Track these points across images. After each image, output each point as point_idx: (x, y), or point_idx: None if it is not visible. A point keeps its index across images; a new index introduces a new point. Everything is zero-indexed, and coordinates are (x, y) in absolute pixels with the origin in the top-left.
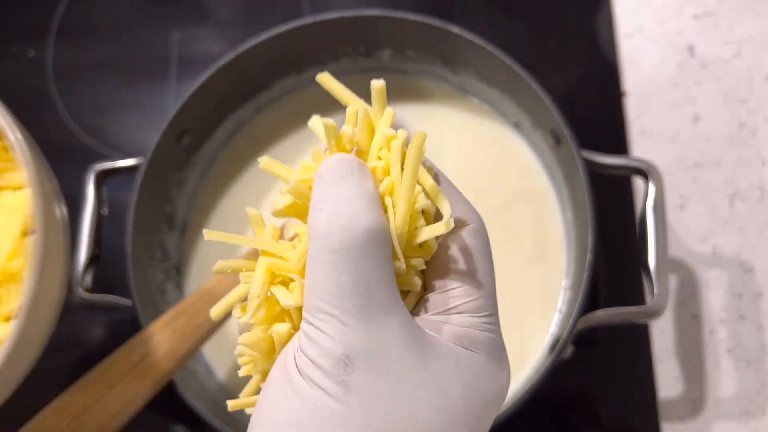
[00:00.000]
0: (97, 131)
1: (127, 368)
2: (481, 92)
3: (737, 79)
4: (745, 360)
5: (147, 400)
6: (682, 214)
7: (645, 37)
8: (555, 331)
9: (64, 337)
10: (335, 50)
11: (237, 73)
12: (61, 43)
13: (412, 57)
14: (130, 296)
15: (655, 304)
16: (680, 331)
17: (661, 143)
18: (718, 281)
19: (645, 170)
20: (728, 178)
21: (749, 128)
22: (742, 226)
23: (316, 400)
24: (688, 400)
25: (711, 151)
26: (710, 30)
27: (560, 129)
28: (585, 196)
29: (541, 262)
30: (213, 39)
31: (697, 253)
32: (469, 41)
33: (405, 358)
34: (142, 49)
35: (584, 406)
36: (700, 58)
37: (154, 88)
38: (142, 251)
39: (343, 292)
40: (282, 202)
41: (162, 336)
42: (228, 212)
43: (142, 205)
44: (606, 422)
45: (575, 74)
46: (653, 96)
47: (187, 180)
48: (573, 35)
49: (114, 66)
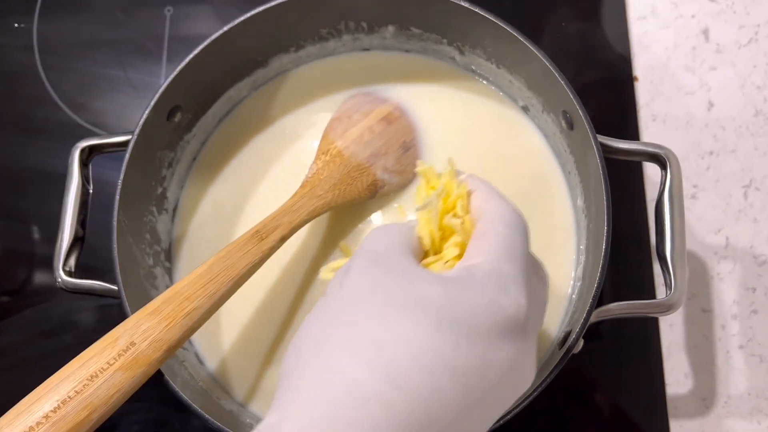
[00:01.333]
0: (84, 109)
1: (111, 358)
2: (489, 73)
3: (753, 64)
4: (757, 356)
5: (132, 392)
6: (694, 203)
7: (658, 20)
8: (565, 324)
9: (53, 321)
10: (336, 26)
11: (231, 48)
12: (47, 16)
13: (416, 35)
14: (115, 281)
15: (671, 297)
16: (690, 326)
17: (674, 130)
18: (731, 274)
19: (663, 156)
20: (743, 168)
21: (765, 116)
22: (757, 217)
23: (325, 296)
24: (697, 398)
25: (725, 139)
26: (726, 13)
27: (575, 111)
28: (601, 183)
29: (549, 251)
30: (206, 16)
31: (709, 244)
32: (479, 15)
33: (396, 267)
34: (132, 25)
35: (588, 402)
36: (715, 42)
37: (144, 66)
38: (129, 234)
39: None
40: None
41: (149, 324)
42: (222, 195)
43: (129, 185)
44: (610, 419)
45: (585, 58)
46: (666, 81)
47: (179, 160)
48: (583, 17)
49: (102, 42)
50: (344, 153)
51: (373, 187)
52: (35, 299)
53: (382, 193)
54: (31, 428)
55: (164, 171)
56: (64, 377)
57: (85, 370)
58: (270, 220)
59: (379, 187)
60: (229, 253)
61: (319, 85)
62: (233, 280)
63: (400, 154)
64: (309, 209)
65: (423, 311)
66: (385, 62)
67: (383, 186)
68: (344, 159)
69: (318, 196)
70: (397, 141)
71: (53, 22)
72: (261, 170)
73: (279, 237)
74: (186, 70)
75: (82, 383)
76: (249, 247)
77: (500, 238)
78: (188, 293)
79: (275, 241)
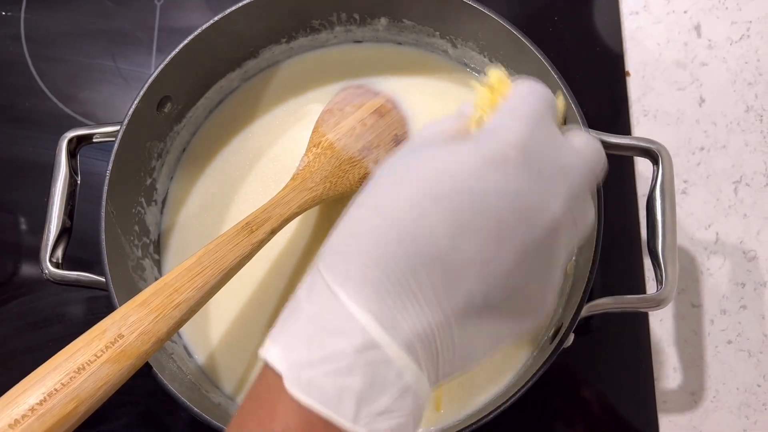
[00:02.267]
0: (72, 99)
1: (99, 350)
2: (481, 66)
3: (745, 61)
4: (746, 351)
5: (120, 384)
6: (684, 199)
7: (650, 15)
8: (556, 319)
9: (40, 313)
10: (328, 17)
11: (221, 38)
12: (35, 5)
13: (409, 27)
14: (103, 273)
15: (662, 292)
16: (680, 321)
17: (665, 125)
18: (721, 270)
19: (655, 151)
20: (734, 164)
21: (756, 112)
22: (747, 213)
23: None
24: (686, 392)
25: (716, 135)
26: (718, 9)
27: (567, 105)
28: None
29: None
30: (197, 6)
31: (699, 240)
32: (472, 8)
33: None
34: (121, 14)
35: (578, 396)
36: (707, 38)
37: (133, 56)
38: (117, 225)
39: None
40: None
41: (138, 316)
42: (212, 186)
43: (118, 176)
44: (600, 413)
45: (577, 52)
46: (658, 76)
47: (169, 151)
48: (576, 12)
49: (91, 31)
50: (336, 145)
51: (364, 180)
52: (22, 291)
53: None
54: (17, 421)
55: (153, 162)
56: (51, 369)
57: (72, 363)
58: (260, 212)
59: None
60: (219, 245)
61: (310, 76)
62: (223, 273)
63: (392, 147)
64: (299, 202)
65: (432, 161)
66: (377, 54)
67: None
68: (336, 152)
69: (309, 189)
70: (389, 134)
71: (41, 10)
72: (251, 162)
73: (269, 230)
74: (176, 60)
75: (69, 376)
76: (239, 240)
77: (515, 101)
78: (177, 285)
79: (265, 234)
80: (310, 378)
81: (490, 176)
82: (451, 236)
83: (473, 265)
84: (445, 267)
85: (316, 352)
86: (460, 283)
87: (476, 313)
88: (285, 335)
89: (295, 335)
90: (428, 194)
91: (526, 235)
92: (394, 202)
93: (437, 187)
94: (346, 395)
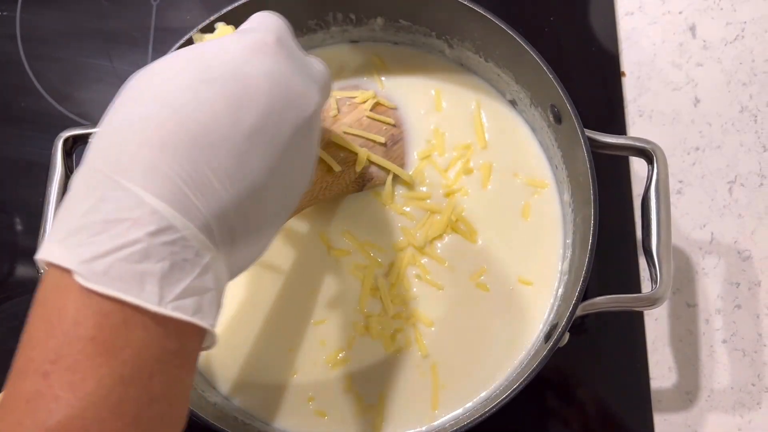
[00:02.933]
0: (68, 99)
1: None
2: (477, 66)
3: (739, 61)
4: (740, 351)
5: None
6: (679, 199)
7: (646, 16)
8: (552, 317)
9: None
10: (324, 17)
11: None
12: (30, 4)
13: (405, 27)
14: None
15: (657, 291)
16: (675, 320)
17: (660, 125)
18: (715, 269)
19: (650, 151)
20: (728, 164)
21: (750, 112)
22: (741, 213)
23: None
24: (681, 391)
25: (711, 135)
26: (713, 10)
27: (563, 105)
28: (588, 177)
29: (536, 245)
30: (193, 6)
31: (694, 239)
32: (468, 8)
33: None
34: (118, 14)
35: (573, 395)
36: (702, 38)
37: (130, 56)
38: None
39: None
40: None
41: None
42: None
43: None
44: (595, 412)
45: (573, 52)
46: (653, 77)
47: None
48: (571, 12)
49: (88, 31)
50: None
51: (360, 181)
52: (18, 291)
53: (369, 186)
54: None
55: None
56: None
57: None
58: None
59: (367, 181)
60: None
61: None
62: None
63: (388, 146)
64: None
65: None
66: (373, 54)
67: (371, 179)
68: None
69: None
70: (385, 134)
71: (37, 10)
72: None
73: None
74: None
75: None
76: None
77: (260, 16)
78: None
79: None
80: (104, 268)
81: (257, 60)
82: (230, 116)
83: (257, 143)
84: (229, 146)
85: (108, 242)
86: (247, 159)
87: (263, 186)
88: (65, 233)
89: (80, 230)
90: (203, 80)
91: (298, 115)
92: (170, 90)
93: (209, 72)
94: (148, 279)
